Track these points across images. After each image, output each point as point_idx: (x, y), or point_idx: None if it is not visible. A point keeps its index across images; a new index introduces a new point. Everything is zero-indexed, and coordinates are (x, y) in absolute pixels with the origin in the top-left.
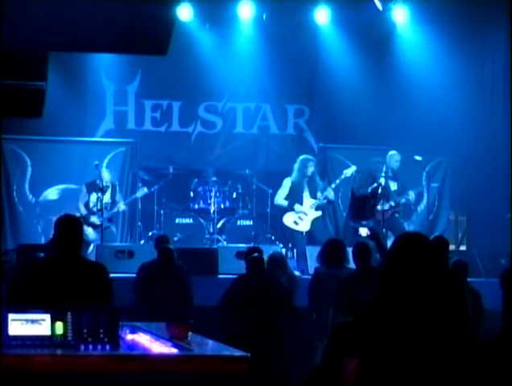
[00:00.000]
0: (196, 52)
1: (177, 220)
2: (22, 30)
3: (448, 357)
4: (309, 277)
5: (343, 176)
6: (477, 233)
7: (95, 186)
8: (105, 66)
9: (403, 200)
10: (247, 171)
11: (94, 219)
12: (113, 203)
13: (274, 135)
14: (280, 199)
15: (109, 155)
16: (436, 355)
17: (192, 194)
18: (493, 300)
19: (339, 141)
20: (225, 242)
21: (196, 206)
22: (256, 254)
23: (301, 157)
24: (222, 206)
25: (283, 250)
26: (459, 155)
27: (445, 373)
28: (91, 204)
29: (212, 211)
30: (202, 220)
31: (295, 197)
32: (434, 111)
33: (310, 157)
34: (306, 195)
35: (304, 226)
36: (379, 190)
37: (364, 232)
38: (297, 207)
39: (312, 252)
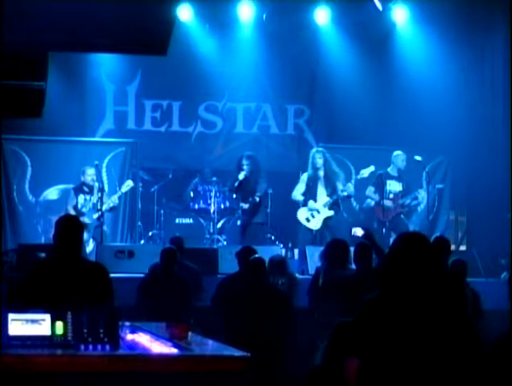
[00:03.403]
0: (196, 52)
1: (177, 220)
2: (22, 30)
3: (449, 356)
4: (309, 277)
5: (359, 176)
6: (477, 233)
7: (81, 188)
8: (105, 66)
9: (408, 201)
10: None
11: (84, 219)
12: (101, 202)
13: (274, 135)
14: (298, 194)
15: (109, 155)
16: (438, 355)
17: (191, 194)
18: (493, 300)
19: (339, 141)
20: (225, 242)
21: (196, 206)
22: (256, 256)
23: (311, 150)
24: (222, 206)
25: (283, 250)
26: (459, 155)
27: (447, 373)
28: (79, 206)
29: (212, 211)
30: (202, 220)
31: (310, 193)
32: (434, 111)
33: (319, 148)
34: (321, 191)
35: (315, 224)
36: (235, 184)
37: (359, 231)
38: (311, 203)
39: (312, 252)
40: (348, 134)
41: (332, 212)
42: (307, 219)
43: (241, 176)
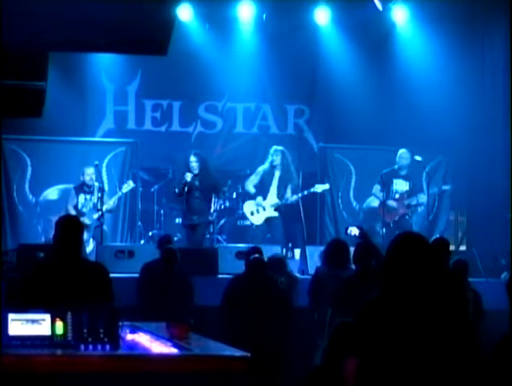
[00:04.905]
0: (196, 52)
1: (177, 220)
2: (22, 30)
3: (448, 357)
4: (309, 277)
5: (312, 190)
6: (477, 233)
7: (82, 188)
8: (105, 66)
9: (414, 202)
10: (247, 171)
11: (84, 219)
12: (102, 202)
13: (274, 135)
14: (250, 185)
15: (109, 155)
16: (437, 355)
17: None
18: (493, 300)
19: (339, 141)
20: (224, 242)
21: None
22: (256, 255)
23: (271, 148)
24: (222, 206)
25: (283, 250)
26: (459, 155)
27: (446, 373)
28: (79, 205)
29: (212, 211)
30: None
31: (263, 188)
32: (434, 111)
33: (280, 148)
34: (273, 190)
35: (257, 219)
36: (185, 188)
37: (354, 230)
38: (259, 199)
39: (312, 252)
40: (348, 134)
41: (276, 213)
42: (252, 213)
43: (196, 171)
